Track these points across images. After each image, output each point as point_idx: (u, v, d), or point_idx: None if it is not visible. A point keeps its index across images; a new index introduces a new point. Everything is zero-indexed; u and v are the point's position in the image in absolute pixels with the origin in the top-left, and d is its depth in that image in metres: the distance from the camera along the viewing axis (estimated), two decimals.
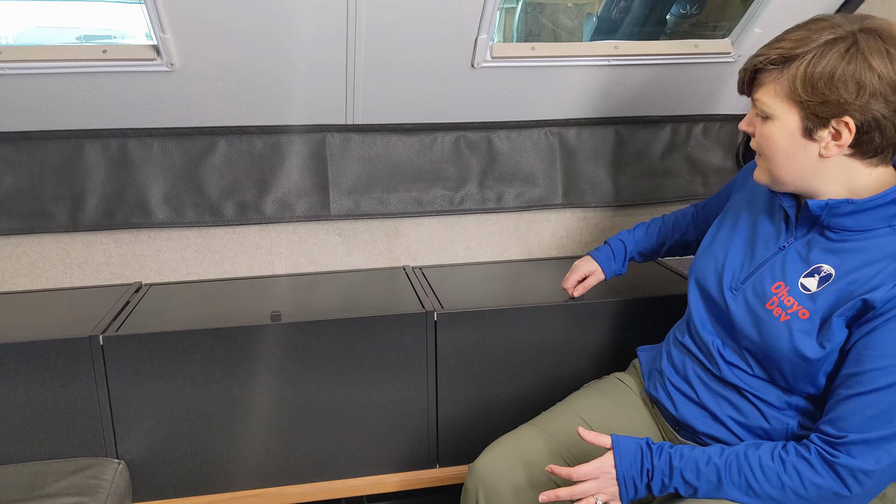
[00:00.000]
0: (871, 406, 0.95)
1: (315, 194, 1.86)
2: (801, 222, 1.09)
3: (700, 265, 1.24)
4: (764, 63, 1.01)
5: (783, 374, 1.07)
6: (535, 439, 1.29)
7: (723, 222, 1.26)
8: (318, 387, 1.56)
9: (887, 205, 0.99)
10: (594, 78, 1.81)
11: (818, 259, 1.05)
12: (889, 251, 0.99)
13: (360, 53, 1.59)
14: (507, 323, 1.60)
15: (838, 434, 0.97)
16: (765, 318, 1.08)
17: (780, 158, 1.04)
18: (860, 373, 0.97)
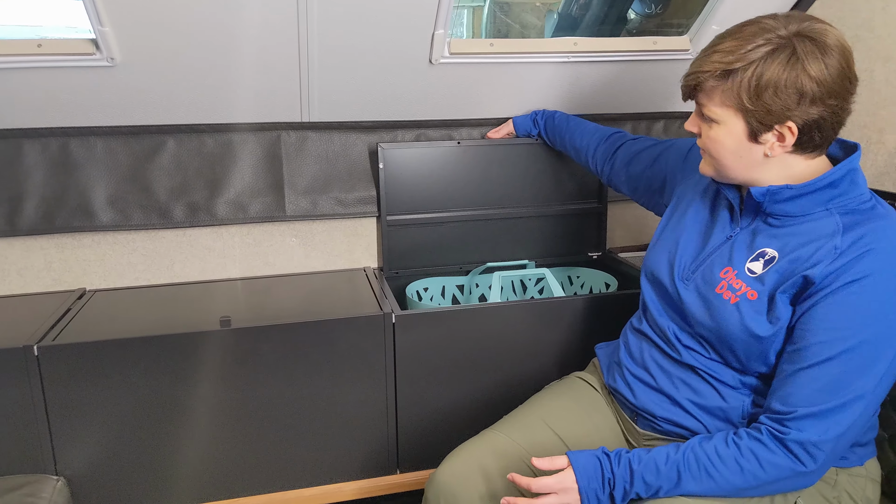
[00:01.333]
0: (816, 379, 0.99)
1: (270, 194, 1.81)
2: (745, 212, 1.13)
3: (652, 259, 1.26)
4: (706, 78, 1.03)
5: (737, 356, 1.10)
6: (497, 445, 1.26)
7: (672, 212, 1.29)
8: (272, 394, 1.50)
9: (823, 189, 1.04)
10: (555, 75, 1.79)
11: (762, 244, 1.09)
12: (827, 231, 1.03)
13: (313, 49, 1.54)
14: (467, 323, 1.56)
15: (787, 410, 1.00)
16: (715, 302, 1.11)
17: (727, 159, 1.08)
18: (804, 347, 1.01)
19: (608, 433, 1.29)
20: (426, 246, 1.91)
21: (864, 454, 1.14)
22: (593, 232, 2.03)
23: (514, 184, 1.93)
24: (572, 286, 2.02)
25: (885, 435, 1.26)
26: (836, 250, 1.00)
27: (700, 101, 1.07)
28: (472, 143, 1.88)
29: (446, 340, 1.56)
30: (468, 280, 1.95)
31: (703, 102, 1.06)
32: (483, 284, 1.96)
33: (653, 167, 1.46)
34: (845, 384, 0.98)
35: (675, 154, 1.42)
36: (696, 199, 1.25)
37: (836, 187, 1.04)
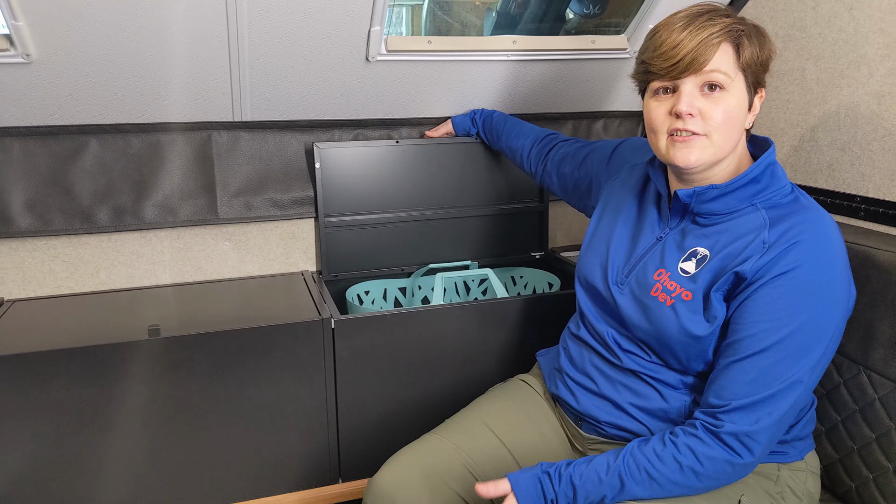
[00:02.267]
0: (748, 371, 0.99)
1: (201, 196, 1.74)
2: (673, 212, 1.13)
3: (585, 265, 1.25)
4: (720, 40, 1.00)
5: (677, 357, 1.09)
6: (438, 450, 1.23)
7: (600, 215, 1.28)
8: (205, 406, 1.44)
9: (747, 185, 1.05)
10: (494, 74, 1.77)
11: (693, 244, 1.10)
12: (754, 225, 1.04)
13: (243, 44, 1.49)
14: (408, 327, 1.53)
15: (721, 403, 1.00)
16: (651, 305, 1.10)
17: (730, 133, 1.03)
18: (736, 341, 1.01)
19: (552, 437, 1.28)
20: (366, 248, 1.87)
21: (804, 448, 1.15)
22: (535, 232, 2.02)
23: (455, 183, 1.91)
24: (515, 286, 2.01)
25: (823, 428, 1.28)
26: (764, 244, 1.01)
27: (702, 70, 1.01)
28: (412, 143, 1.85)
29: (387, 345, 1.53)
30: (410, 282, 1.91)
31: (711, 69, 1.01)
32: (426, 286, 1.93)
33: (580, 169, 1.46)
34: (776, 374, 0.98)
35: (599, 155, 1.42)
36: (622, 202, 1.25)
37: (758, 182, 1.06)
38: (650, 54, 1.04)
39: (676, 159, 1.05)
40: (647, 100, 1.09)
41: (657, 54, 1.02)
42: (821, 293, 0.99)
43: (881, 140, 1.34)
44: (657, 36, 1.03)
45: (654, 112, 1.06)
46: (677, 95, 1.03)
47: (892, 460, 1.17)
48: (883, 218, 1.34)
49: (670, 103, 1.04)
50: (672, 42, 1.01)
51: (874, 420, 1.20)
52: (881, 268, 1.17)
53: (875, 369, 1.19)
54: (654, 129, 1.07)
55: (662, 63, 1.02)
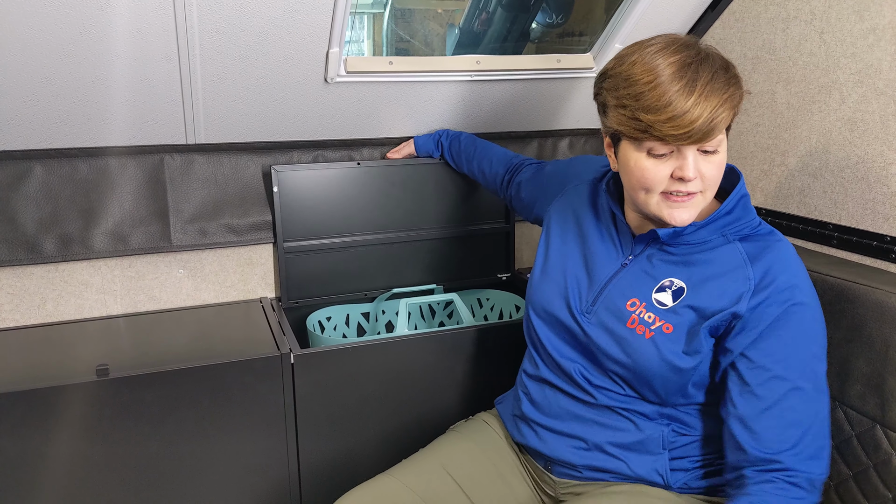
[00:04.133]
0: (784, 415, 0.98)
1: (153, 223, 1.66)
2: (638, 239, 1.11)
3: (542, 295, 1.19)
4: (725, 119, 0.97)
5: (655, 391, 1.07)
6: (391, 491, 1.17)
7: (549, 240, 1.24)
8: (159, 448, 1.36)
9: (721, 218, 1.05)
10: (457, 94, 1.72)
11: (665, 273, 1.07)
12: (733, 261, 1.03)
13: (195, 67, 1.42)
14: (372, 359, 1.47)
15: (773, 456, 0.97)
16: (629, 337, 1.06)
17: (718, 184, 1.03)
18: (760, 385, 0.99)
19: (517, 484, 1.23)
20: (327, 273, 1.80)
21: None
22: (501, 253, 1.97)
23: (418, 205, 1.85)
24: (482, 309, 1.96)
25: (831, 483, 1.24)
26: (749, 281, 1.01)
27: (712, 140, 0.98)
28: (373, 164, 1.79)
29: (350, 378, 1.47)
30: (374, 307, 1.86)
31: (714, 136, 0.97)
32: (389, 311, 1.87)
33: (535, 193, 1.43)
34: (808, 410, 0.99)
35: (549, 177, 1.39)
36: (570, 223, 1.22)
37: (731, 213, 1.05)
38: (652, 116, 0.95)
39: (674, 219, 1.02)
40: (636, 154, 1.01)
41: (663, 119, 0.94)
42: (816, 320, 1.02)
43: (854, 168, 1.32)
44: (655, 94, 0.95)
45: (650, 172, 1.00)
46: (681, 160, 0.98)
47: (869, 498, 1.14)
48: (856, 247, 1.32)
49: (671, 165, 0.99)
50: (680, 109, 0.93)
51: (851, 458, 1.17)
52: (857, 302, 1.15)
53: (852, 406, 1.17)
54: (648, 188, 1.01)
55: (672, 131, 0.94)
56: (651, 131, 0.96)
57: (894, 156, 1.24)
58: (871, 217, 1.29)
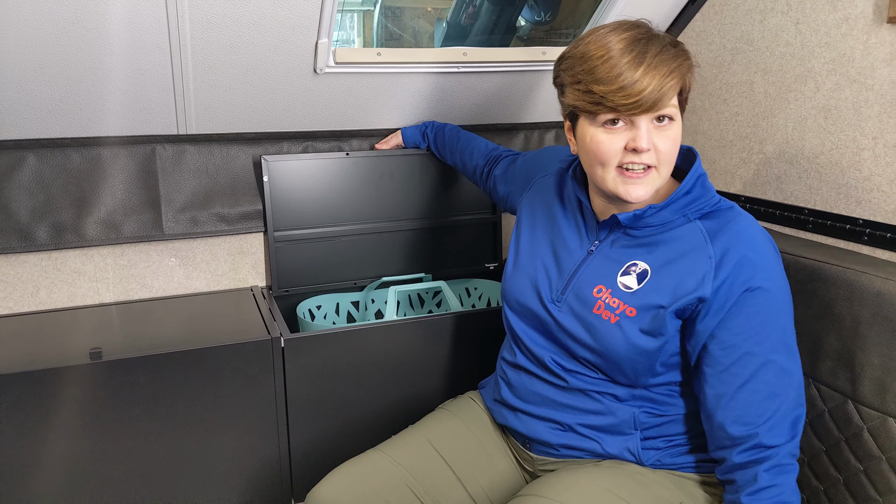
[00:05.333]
0: (759, 390, 1.01)
1: (145, 212, 1.68)
2: (602, 225, 1.14)
3: (514, 286, 1.23)
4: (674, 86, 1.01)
5: (624, 373, 1.10)
6: (378, 465, 1.20)
7: (519, 232, 1.27)
8: (150, 429, 1.39)
9: (680, 198, 1.07)
10: (444, 85, 1.75)
11: (629, 257, 1.10)
12: (695, 242, 1.06)
13: (186, 57, 1.44)
14: (360, 343, 1.50)
15: (751, 431, 1.01)
16: (596, 324, 1.09)
17: (673, 161, 1.06)
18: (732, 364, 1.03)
19: (499, 458, 1.26)
20: (317, 262, 1.83)
21: None
22: (489, 242, 2.01)
23: (408, 195, 1.88)
24: (470, 298, 1.99)
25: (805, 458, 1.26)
26: (710, 259, 1.03)
27: (661, 108, 1.01)
28: (361, 155, 1.82)
29: (338, 362, 1.50)
30: (363, 296, 1.88)
31: (671, 104, 1.02)
32: (379, 300, 1.90)
33: (507, 186, 1.47)
34: (782, 382, 1.02)
35: (520, 169, 1.43)
36: (539, 214, 1.25)
37: (690, 193, 1.08)
38: (603, 87, 1.00)
39: (629, 195, 1.04)
40: (591, 129, 1.05)
41: (614, 89, 0.99)
42: (781, 290, 1.04)
43: (828, 154, 1.36)
44: (605, 67, 1.00)
45: (605, 145, 1.03)
46: (634, 131, 1.02)
47: (841, 471, 1.18)
48: (830, 230, 1.36)
49: (625, 137, 1.02)
50: (629, 79, 0.98)
51: (824, 433, 1.21)
52: (828, 282, 1.19)
53: (824, 382, 1.20)
54: (603, 161, 1.05)
55: (623, 100, 0.99)
56: (604, 102, 1.00)
57: (866, 141, 1.28)
58: (844, 201, 1.33)
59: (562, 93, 1.10)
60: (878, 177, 1.27)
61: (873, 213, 1.28)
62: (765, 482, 0.99)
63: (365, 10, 2.97)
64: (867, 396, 1.13)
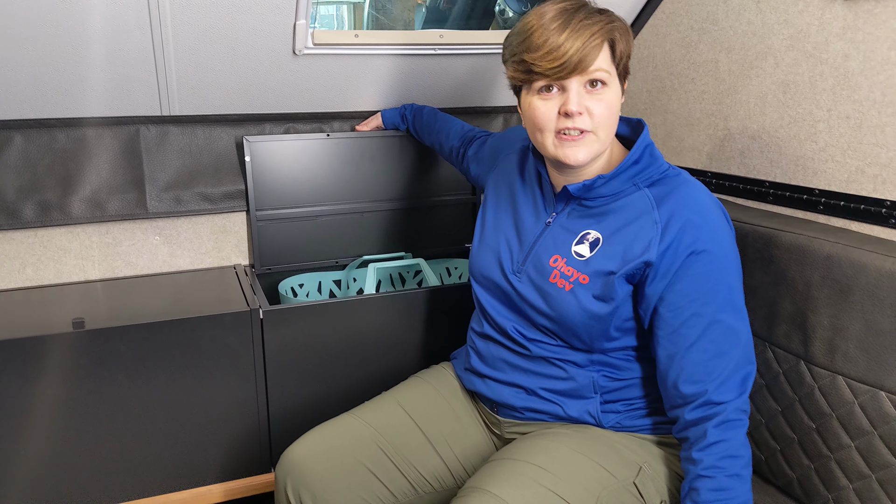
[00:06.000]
0: (707, 349, 1.05)
1: (129, 191, 1.72)
2: (558, 198, 1.17)
3: (479, 262, 1.27)
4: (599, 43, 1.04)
5: (580, 339, 1.14)
6: (349, 427, 1.25)
7: (484, 211, 1.31)
8: (132, 398, 1.43)
9: (629, 168, 1.11)
10: (422, 67, 1.79)
11: (583, 227, 1.14)
12: (642, 207, 1.09)
13: (167, 37, 1.48)
14: (337, 317, 1.54)
15: (701, 389, 1.05)
16: (552, 292, 1.13)
17: (612, 126, 1.09)
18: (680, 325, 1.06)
19: (468, 421, 1.31)
20: (299, 241, 1.87)
21: None
22: (468, 223, 2.05)
23: (388, 176, 1.92)
24: (451, 277, 2.03)
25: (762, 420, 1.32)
26: (656, 224, 1.07)
27: (586, 69, 1.04)
28: (342, 136, 1.86)
29: (317, 335, 1.54)
30: (345, 275, 1.93)
31: (595, 68, 1.05)
32: (361, 278, 1.94)
33: (481, 165, 1.51)
34: (729, 340, 1.05)
35: (488, 150, 1.48)
36: (503, 191, 1.29)
37: (639, 163, 1.11)
38: (532, 55, 1.04)
39: (568, 158, 1.08)
40: (529, 98, 1.10)
41: (540, 55, 1.04)
42: (726, 252, 1.07)
43: (787, 127, 1.40)
44: (535, 35, 1.04)
45: (540, 111, 1.08)
46: (565, 95, 1.06)
47: (796, 431, 1.22)
48: (789, 201, 1.40)
49: (557, 102, 1.07)
50: (554, 43, 1.03)
51: (780, 394, 1.25)
52: (783, 248, 1.23)
53: (779, 345, 1.25)
54: (541, 127, 1.09)
55: (548, 64, 1.04)
56: (533, 68, 1.05)
57: (821, 114, 1.33)
58: (802, 172, 1.37)
59: (506, 69, 1.14)
60: (833, 147, 1.31)
61: (828, 182, 1.32)
62: (714, 437, 1.04)
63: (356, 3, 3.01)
64: (818, 357, 1.17)
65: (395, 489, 1.22)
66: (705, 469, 1.03)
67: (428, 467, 1.25)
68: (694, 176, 1.43)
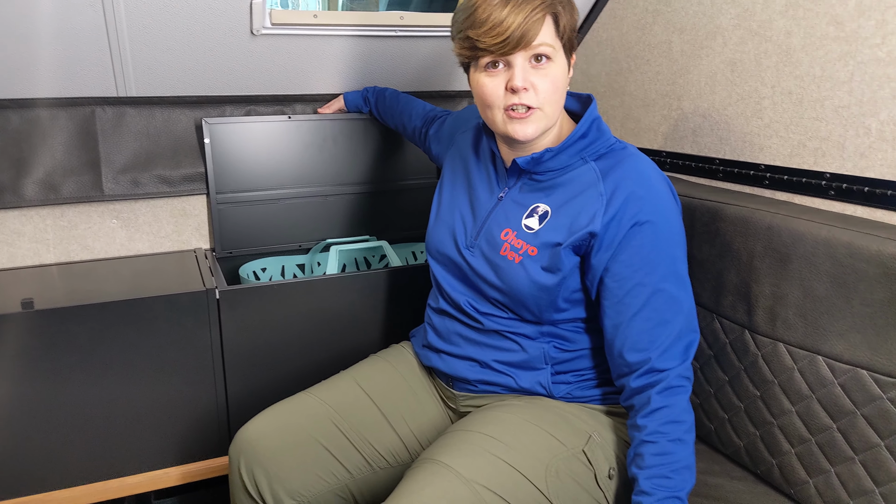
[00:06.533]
0: (650, 318, 1.07)
1: (85, 173, 1.71)
2: (510, 173, 1.18)
3: (435, 238, 1.29)
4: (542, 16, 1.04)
5: (530, 310, 1.15)
6: (305, 404, 1.26)
7: (441, 188, 1.33)
8: (85, 379, 1.42)
9: (576, 142, 1.12)
10: (384, 50, 1.79)
11: (533, 200, 1.16)
12: (588, 180, 1.11)
13: (120, 16, 1.47)
14: (294, 297, 1.54)
15: (645, 357, 1.07)
16: (502, 264, 1.15)
17: (558, 101, 1.10)
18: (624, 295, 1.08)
19: (425, 397, 1.32)
20: (262, 224, 1.87)
21: None
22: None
23: (351, 159, 1.92)
24: (416, 261, 2.04)
25: (711, 390, 1.35)
26: (601, 196, 1.08)
27: (531, 45, 1.05)
28: (304, 119, 1.85)
29: (276, 316, 1.54)
30: (308, 258, 1.92)
31: (539, 43, 1.05)
32: (325, 262, 1.94)
33: (441, 144, 1.52)
34: (672, 308, 1.07)
35: (446, 129, 1.49)
36: (458, 168, 1.30)
37: (586, 137, 1.13)
38: (476, 31, 1.05)
39: (516, 133, 1.10)
40: (476, 75, 1.11)
41: (484, 31, 1.04)
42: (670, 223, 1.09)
43: (735, 105, 1.43)
44: (478, 12, 1.05)
45: (487, 87, 1.09)
46: (511, 71, 1.07)
47: (742, 400, 1.25)
48: (737, 177, 1.43)
49: (503, 78, 1.08)
50: (497, 19, 1.04)
51: (727, 364, 1.27)
52: (728, 221, 1.25)
53: (725, 315, 1.27)
54: (489, 104, 1.10)
55: (491, 40, 1.04)
56: (478, 44, 1.06)
57: (766, 90, 1.35)
58: (749, 149, 1.40)
59: (453, 47, 1.15)
60: (777, 123, 1.33)
61: (773, 157, 1.35)
62: (657, 404, 1.06)
63: None
64: (761, 325, 1.19)
65: (351, 465, 1.23)
66: (649, 435, 1.04)
67: (383, 443, 1.26)
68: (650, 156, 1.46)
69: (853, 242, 1.05)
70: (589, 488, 1.11)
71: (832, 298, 1.09)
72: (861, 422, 1.06)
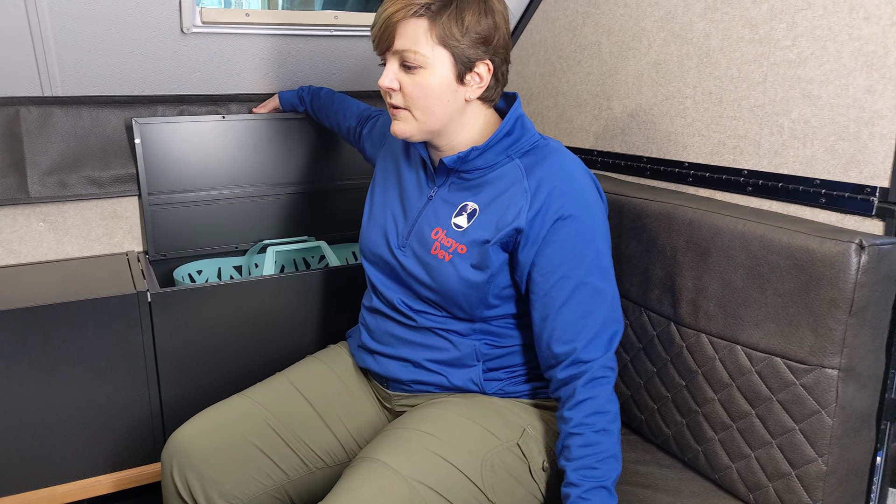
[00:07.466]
0: (575, 310, 1.09)
1: (9, 175, 1.66)
2: (438, 171, 1.20)
3: (368, 238, 1.29)
4: (407, 16, 1.05)
5: (461, 308, 1.17)
6: (239, 407, 1.25)
7: (373, 188, 1.34)
8: (11, 386, 1.38)
9: (501, 140, 1.14)
10: (318, 49, 1.79)
11: (462, 199, 1.17)
12: (514, 177, 1.13)
13: (43, 13, 1.44)
14: (231, 299, 1.53)
15: (570, 348, 1.09)
16: (433, 263, 1.16)
17: (436, 106, 1.10)
18: (550, 289, 1.10)
19: (361, 396, 1.32)
20: (197, 226, 1.84)
21: None
22: None
23: (287, 160, 1.91)
24: (356, 261, 2.03)
25: (641, 382, 1.38)
26: (526, 192, 1.10)
27: (400, 47, 1.07)
28: (238, 118, 1.83)
29: (210, 319, 1.52)
30: (245, 260, 1.91)
31: (405, 48, 1.07)
32: (263, 264, 1.92)
33: (374, 144, 1.53)
34: (596, 300, 1.09)
35: (378, 128, 1.50)
36: (389, 169, 1.31)
37: (511, 135, 1.14)
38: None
39: (392, 130, 1.14)
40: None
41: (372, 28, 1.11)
42: (593, 217, 1.11)
43: (660, 105, 1.47)
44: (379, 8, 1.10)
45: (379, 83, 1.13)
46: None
47: (670, 390, 1.29)
48: (663, 175, 1.47)
49: None
50: (377, 17, 1.09)
51: (655, 356, 1.32)
52: (654, 217, 1.29)
53: (652, 309, 1.31)
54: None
55: (372, 36, 1.11)
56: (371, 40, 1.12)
57: (688, 90, 1.40)
58: (673, 147, 1.45)
59: None
60: (699, 122, 1.39)
61: (696, 155, 1.40)
62: (582, 395, 1.08)
63: None
64: (685, 317, 1.24)
65: (286, 466, 1.22)
66: (575, 427, 1.07)
67: (320, 443, 1.26)
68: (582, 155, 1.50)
69: (766, 235, 1.10)
70: (523, 481, 1.14)
71: (748, 290, 1.13)
72: (777, 407, 1.11)
